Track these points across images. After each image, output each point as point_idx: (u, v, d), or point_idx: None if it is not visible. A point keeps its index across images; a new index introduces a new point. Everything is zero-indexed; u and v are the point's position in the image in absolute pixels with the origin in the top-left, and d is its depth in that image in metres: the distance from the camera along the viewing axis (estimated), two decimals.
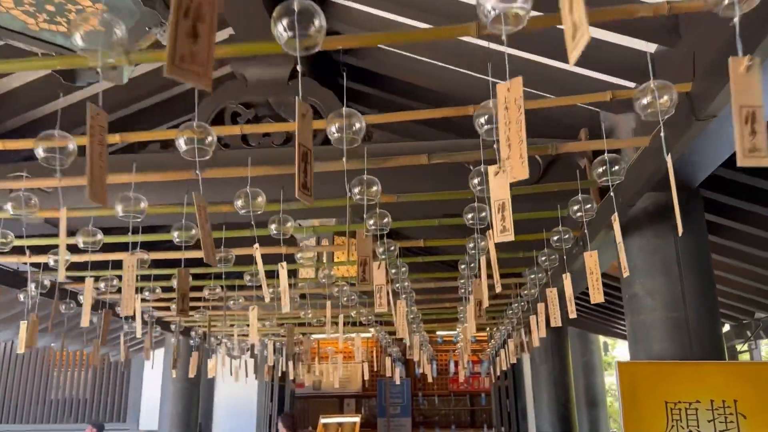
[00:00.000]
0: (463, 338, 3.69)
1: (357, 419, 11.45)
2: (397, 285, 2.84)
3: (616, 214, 1.93)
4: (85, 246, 2.39)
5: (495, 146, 1.14)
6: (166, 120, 3.70)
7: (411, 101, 3.50)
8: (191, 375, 4.79)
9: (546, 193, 2.58)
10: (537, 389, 6.11)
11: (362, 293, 4.35)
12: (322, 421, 11.58)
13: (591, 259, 1.98)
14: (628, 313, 2.78)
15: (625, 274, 1.78)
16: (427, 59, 3.01)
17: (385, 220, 1.91)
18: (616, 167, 1.77)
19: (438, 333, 11.65)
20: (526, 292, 3.50)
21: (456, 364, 11.82)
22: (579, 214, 2.06)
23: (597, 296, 1.96)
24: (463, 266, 2.53)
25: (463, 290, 3.25)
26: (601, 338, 9.46)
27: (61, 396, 9.72)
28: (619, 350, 17.70)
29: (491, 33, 1.16)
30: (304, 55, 1.16)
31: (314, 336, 11.86)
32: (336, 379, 5.82)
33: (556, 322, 2.93)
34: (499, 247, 2.82)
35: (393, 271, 2.62)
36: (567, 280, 2.44)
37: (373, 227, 1.85)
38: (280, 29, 1.14)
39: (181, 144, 1.60)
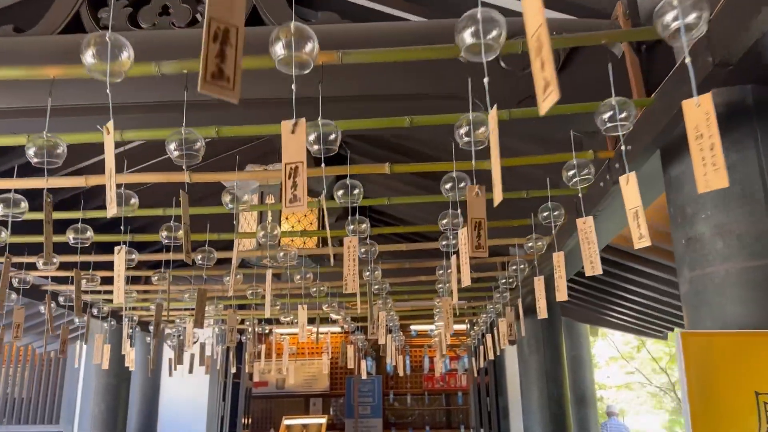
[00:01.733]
0: (445, 312, 2.80)
1: (323, 420, 10.51)
2: (351, 227, 1.94)
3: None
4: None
5: None
6: None
7: None
8: (103, 366, 3.82)
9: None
10: (525, 384, 5.26)
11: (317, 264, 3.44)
12: (286, 422, 10.63)
13: None
14: (684, 265, 1.92)
15: None
16: None
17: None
18: None
19: (412, 328, 10.88)
20: (530, 244, 2.61)
21: (431, 360, 10.95)
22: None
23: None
24: (448, 185, 1.62)
25: (445, 244, 2.38)
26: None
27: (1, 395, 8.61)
28: (599, 347, 17.03)
29: None
30: None
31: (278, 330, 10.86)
32: (291, 374, 4.90)
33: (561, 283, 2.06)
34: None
35: (340, 192, 1.71)
36: (587, 225, 1.54)
37: None
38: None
39: None
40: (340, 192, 1.71)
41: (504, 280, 3.44)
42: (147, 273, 3.04)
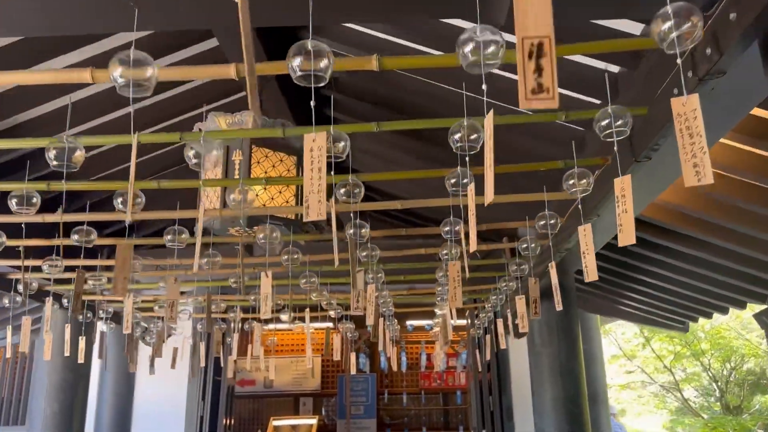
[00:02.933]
0: (452, 279, 2.18)
1: (314, 421, 9.90)
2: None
3: None
4: None
5: None
6: None
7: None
8: (45, 356, 3.21)
9: None
10: (537, 381, 4.65)
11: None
12: (274, 423, 10.02)
13: None
14: None
15: None
16: None
17: None
18: None
19: (408, 323, 10.25)
20: (571, 182, 1.95)
21: (428, 357, 10.34)
22: None
23: None
24: (468, 47, 1.03)
25: (455, 182, 1.78)
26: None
27: None
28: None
29: None
30: None
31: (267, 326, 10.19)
32: (271, 369, 4.31)
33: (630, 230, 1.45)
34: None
35: (298, 63, 1.11)
36: None
37: None
38: None
39: None
40: (298, 63, 1.08)
41: (525, 245, 2.81)
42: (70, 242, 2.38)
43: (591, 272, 1.86)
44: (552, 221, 2.90)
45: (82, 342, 3.56)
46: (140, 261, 3.19)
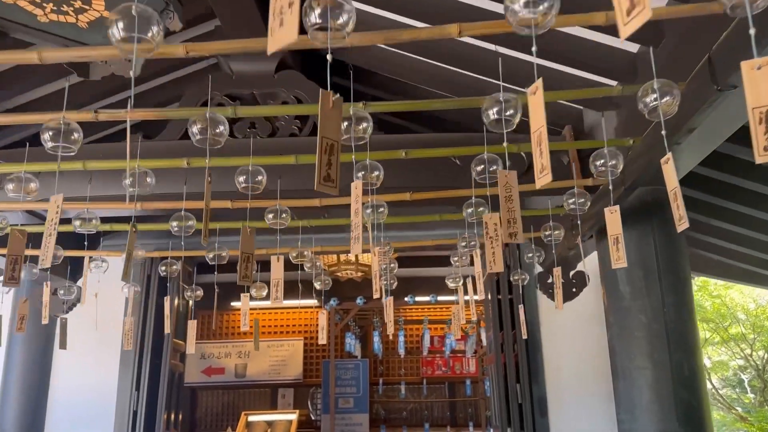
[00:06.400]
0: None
1: (293, 416, 8.18)
2: None
3: None
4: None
5: None
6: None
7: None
8: None
9: None
10: (624, 355, 2.91)
11: None
12: (247, 418, 8.33)
13: None
14: None
15: None
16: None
17: None
18: None
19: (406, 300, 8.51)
20: None
21: (432, 339, 8.60)
22: None
23: None
24: None
25: None
26: None
27: None
28: None
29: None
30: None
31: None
32: (191, 342, 2.59)
33: None
34: None
35: None
36: None
37: None
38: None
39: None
40: None
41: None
42: None
43: None
44: (668, 97, 1.34)
45: None
46: None
